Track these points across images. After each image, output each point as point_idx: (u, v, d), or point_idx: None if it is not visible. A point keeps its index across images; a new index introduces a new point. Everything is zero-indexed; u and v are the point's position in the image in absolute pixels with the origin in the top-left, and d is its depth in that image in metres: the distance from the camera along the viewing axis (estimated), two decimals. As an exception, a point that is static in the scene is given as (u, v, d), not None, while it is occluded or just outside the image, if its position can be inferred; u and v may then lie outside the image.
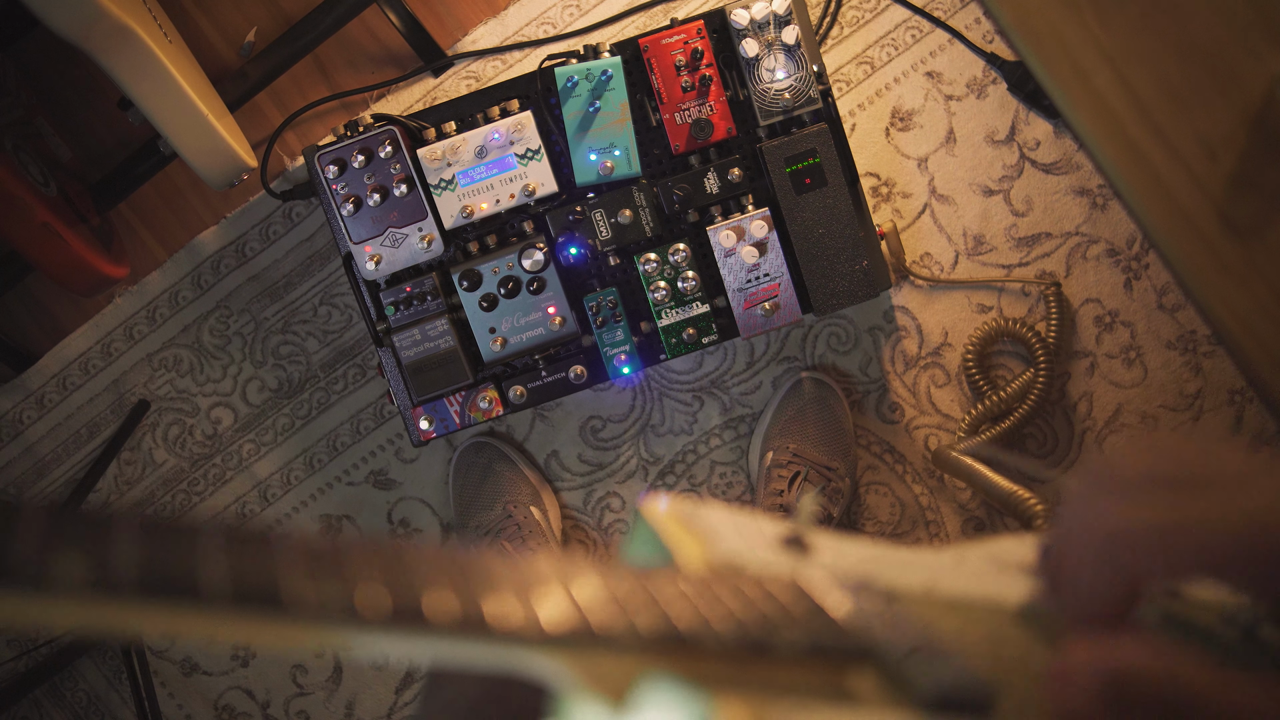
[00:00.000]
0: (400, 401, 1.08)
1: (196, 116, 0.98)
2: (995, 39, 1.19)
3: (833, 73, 1.21)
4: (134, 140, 1.24)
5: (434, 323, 1.03)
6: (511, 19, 1.23)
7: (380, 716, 1.27)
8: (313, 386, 1.26)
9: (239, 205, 1.24)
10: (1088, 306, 1.21)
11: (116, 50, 0.89)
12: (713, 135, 1.03)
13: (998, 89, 1.20)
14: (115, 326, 1.26)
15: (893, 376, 1.22)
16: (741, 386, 1.22)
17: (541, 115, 1.03)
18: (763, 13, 1.01)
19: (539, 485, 1.21)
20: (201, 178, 1.04)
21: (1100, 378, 1.21)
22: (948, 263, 1.21)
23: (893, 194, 1.21)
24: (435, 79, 1.23)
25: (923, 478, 1.22)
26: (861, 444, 1.22)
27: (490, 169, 1.02)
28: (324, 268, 1.24)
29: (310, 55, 1.23)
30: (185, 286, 1.25)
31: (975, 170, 1.20)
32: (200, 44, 1.23)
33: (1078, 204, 1.20)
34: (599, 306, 1.06)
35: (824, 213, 1.03)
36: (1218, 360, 1.19)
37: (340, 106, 1.25)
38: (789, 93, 1.02)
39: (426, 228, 1.02)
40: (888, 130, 1.21)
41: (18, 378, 1.26)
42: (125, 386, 1.26)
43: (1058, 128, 1.20)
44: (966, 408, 1.21)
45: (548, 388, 1.08)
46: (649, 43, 1.02)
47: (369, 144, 1.01)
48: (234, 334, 1.26)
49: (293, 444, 1.27)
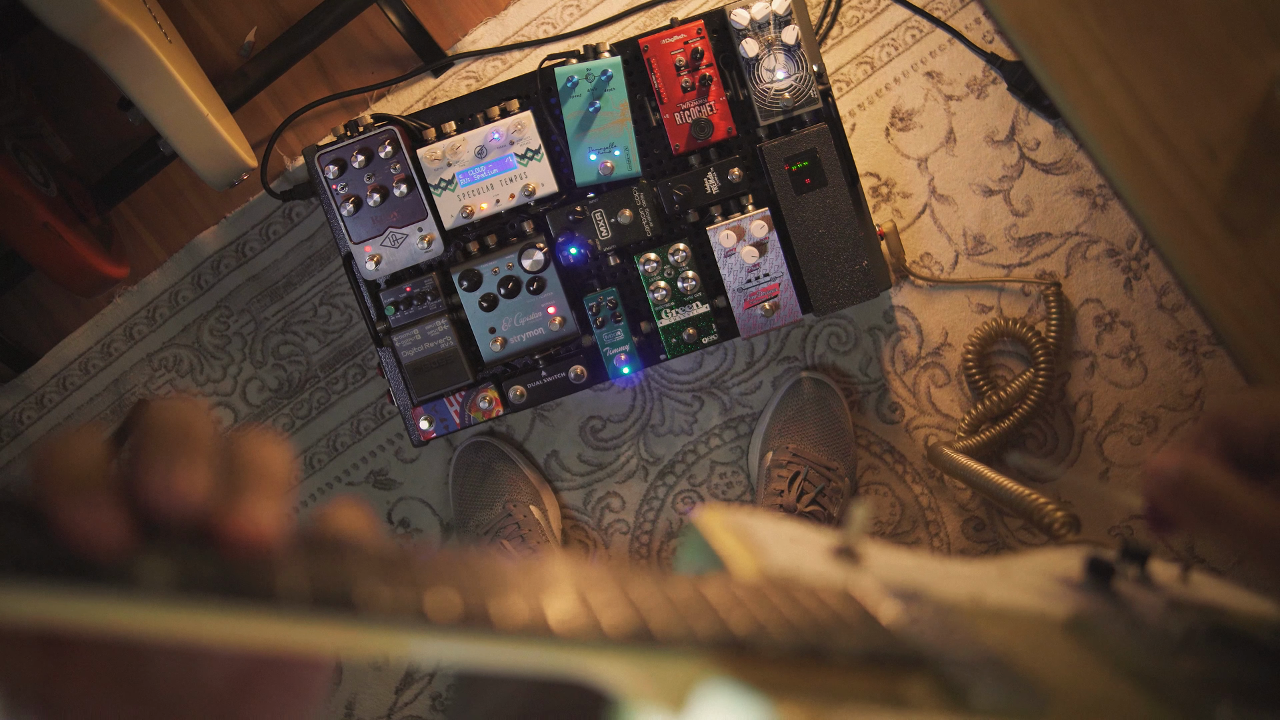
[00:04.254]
0: (400, 401, 1.08)
1: (196, 116, 0.98)
2: (995, 39, 1.20)
3: (833, 73, 1.21)
4: (134, 140, 1.24)
5: (434, 323, 1.03)
6: (511, 19, 1.23)
7: (380, 716, 1.26)
8: (313, 386, 1.26)
9: (239, 205, 1.24)
10: (1088, 306, 1.21)
11: (116, 50, 0.89)
12: (713, 135, 1.03)
13: (998, 89, 1.20)
14: (115, 326, 1.26)
15: (893, 376, 1.22)
16: (741, 386, 1.22)
17: (541, 115, 1.03)
18: (763, 13, 1.01)
19: (539, 485, 1.21)
20: (201, 178, 1.04)
21: (1100, 378, 1.21)
22: (948, 263, 1.21)
23: (893, 194, 1.21)
24: (435, 79, 1.23)
25: (923, 478, 1.22)
26: (861, 444, 1.22)
27: (490, 169, 1.02)
28: (324, 268, 1.24)
29: (310, 55, 1.23)
30: (185, 286, 1.25)
31: (975, 170, 1.20)
32: (200, 44, 1.23)
33: (1078, 204, 1.20)
34: (599, 306, 1.06)
35: (824, 213, 1.03)
36: (1218, 360, 1.19)
37: (340, 106, 1.25)
38: (789, 93, 1.02)
39: (426, 228, 1.02)
40: (888, 130, 1.21)
41: (18, 378, 1.26)
42: (125, 386, 1.26)
43: (1058, 128, 1.20)
44: (966, 408, 1.21)
45: (548, 388, 1.08)
46: (649, 43, 1.02)
47: (369, 144, 1.01)
48: (234, 334, 1.26)
49: (293, 444, 1.26)
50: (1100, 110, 0.57)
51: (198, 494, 0.23)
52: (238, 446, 0.25)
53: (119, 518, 0.22)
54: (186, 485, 0.23)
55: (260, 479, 0.24)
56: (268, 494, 0.24)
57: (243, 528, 0.23)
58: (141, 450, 0.23)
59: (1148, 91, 0.57)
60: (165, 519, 0.23)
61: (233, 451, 0.25)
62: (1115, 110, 0.57)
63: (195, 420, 0.24)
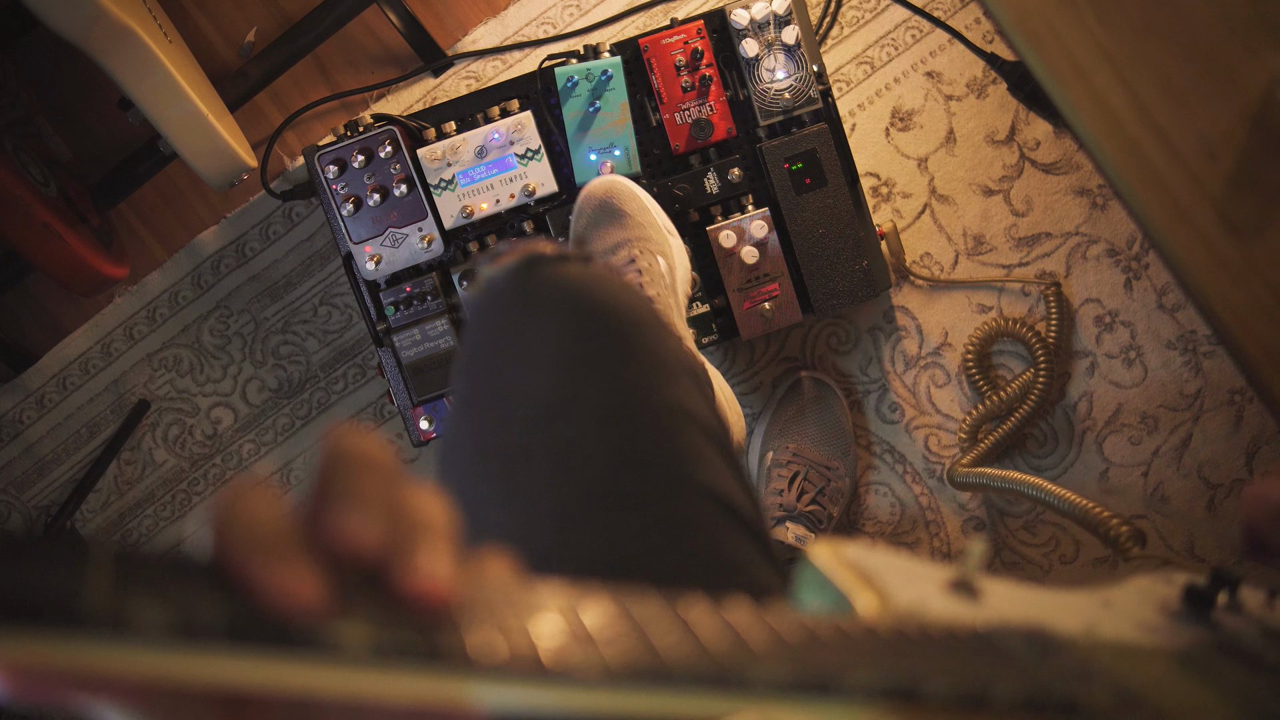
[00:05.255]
0: (400, 401, 1.08)
1: (196, 116, 0.98)
2: (995, 39, 1.19)
3: (833, 73, 1.21)
4: (134, 140, 1.24)
5: (434, 323, 1.03)
6: (511, 19, 1.23)
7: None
8: (313, 386, 1.26)
9: (239, 205, 1.24)
10: (1088, 306, 1.21)
11: (116, 50, 0.89)
12: (713, 135, 1.03)
13: (998, 89, 1.20)
14: (115, 326, 1.26)
15: (893, 376, 1.22)
16: (741, 386, 1.22)
17: (541, 115, 1.03)
18: (763, 13, 1.01)
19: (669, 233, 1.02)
20: (201, 178, 1.04)
21: (1100, 378, 1.21)
22: (948, 263, 1.21)
23: (893, 194, 1.21)
24: (435, 79, 1.23)
25: (923, 478, 1.22)
26: (861, 444, 1.22)
27: (490, 169, 1.02)
28: (324, 268, 1.24)
29: (310, 55, 1.23)
30: (185, 286, 1.25)
31: (975, 170, 1.20)
32: (200, 44, 1.23)
33: (1078, 204, 1.20)
34: (599, 306, 1.05)
35: (824, 213, 1.03)
36: (1218, 360, 1.19)
37: (340, 106, 1.25)
38: (789, 93, 1.02)
39: (426, 228, 1.02)
40: (888, 130, 1.21)
41: (18, 378, 1.26)
42: (125, 386, 1.26)
43: (1058, 128, 1.20)
44: (966, 408, 1.21)
45: (548, 388, 1.08)
46: (649, 43, 1.02)
47: (369, 144, 1.01)
48: (234, 334, 1.26)
49: (293, 444, 1.27)
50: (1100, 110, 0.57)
51: (377, 545, 0.22)
52: (408, 497, 0.24)
53: (315, 577, 0.21)
54: (368, 537, 0.22)
55: (433, 531, 0.23)
56: (444, 547, 0.23)
57: (425, 583, 0.22)
58: (323, 497, 0.22)
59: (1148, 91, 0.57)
60: (344, 568, 0.22)
61: (403, 502, 0.24)
62: (1115, 110, 0.57)
63: (376, 459, 0.23)
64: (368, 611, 0.21)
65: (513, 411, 0.54)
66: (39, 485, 1.28)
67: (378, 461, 0.23)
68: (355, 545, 0.22)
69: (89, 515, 1.28)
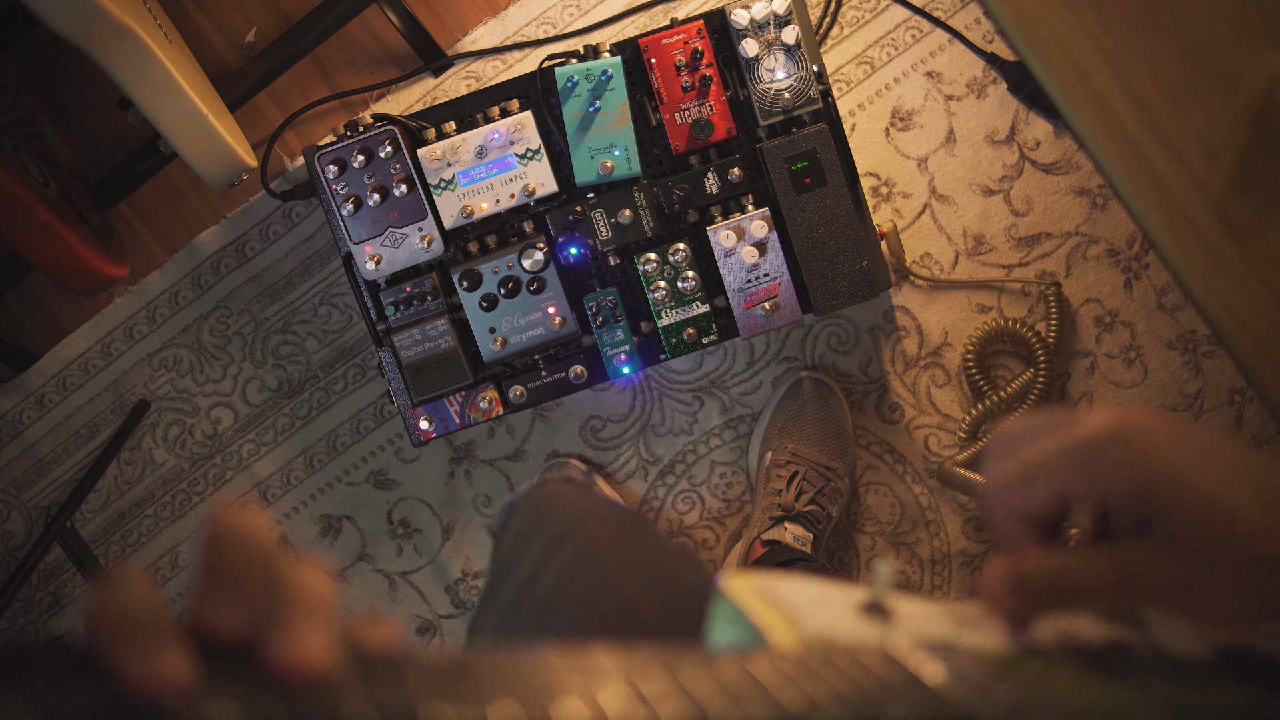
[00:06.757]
0: (400, 401, 1.08)
1: (196, 116, 0.98)
2: (995, 39, 1.19)
3: (833, 73, 1.21)
4: (134, 140, 1.24)
5: (434, 323, 1.03)
6: (511, 19, 1.23)
7: None
8: (313, 386, 1.26)
9: (239, 205, 1.24)
10: (1088, 306, 1.21)
11: (116, 50, 0.89)
12: (713, 135, 1.03)
13: (998, 89, 1.20)
14: (115, 326, 1.26)
15: (893, 376, 1.22)
16: (741, 386, 1.22)
17: (541, 115, 1.03)
18: (763, 13, 1.01)
19: None
20: (201, 178, 1.04)
21: (1100, 378, 1.21)
22: (948, 263, 1.21)
23: (893, 194, 1.21)
24: (435, 79, 1.23)
25: (922, 478, 1.22)
26: (861, 444, 1.22)
27: (490, 169, 1.02)
28: (324, 268, 1.24)
29: (310, 55, 1.23)
30: (185, 286, 1.25)
31: (975, 170, 1.20)
32: (200, 44, 1.23)
33: (1078, 204, 1.20)
34: (599, 306, 1.05)
35: (824, 213, 1.03)
36: (1218, 360, 1.19)
37: (340, 106, 1.25)
38: (789, 93, 1.02)
39: (426, 228, 1.02)
40: (888, 130, 1.21)
41: (18, 378, 1.26)
42: (125, 386, 1.26)
43: (1058, 128, 1.20)
44: (966, 408, 1.21)
45: (548, 388, 1.08)
46: (649, 43, 1.02)
47: (369, 144, 1.01)
48: (234, 334, 1.26)
49: (293, 444, 1.27)
50: (1100, 110, 0.57)
51: (244, 625, 0.23)
52: (283, 573, 0.25)
53: (183, 660, 0.21)
54: (231, 618, 0.23)
55: (308, 607, 0.24)
56: (318, 622, 0.24)
57: (297, 658, 0.23)
58: (198, 579, 0.23)
59: (1148, 91, 0.57)
60: (217, 648, 0.23)
61: (278, 579, 0.24)
62: (1115, 110, 0.57)
63: (250, 539, 0.24)
64: (240, 689, 0.22)
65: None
66: (39, 485, 1.28)
67: (252, 541, 0.24)
68: (221, 626, 0.23)
69: (89, 515, 1.28)
